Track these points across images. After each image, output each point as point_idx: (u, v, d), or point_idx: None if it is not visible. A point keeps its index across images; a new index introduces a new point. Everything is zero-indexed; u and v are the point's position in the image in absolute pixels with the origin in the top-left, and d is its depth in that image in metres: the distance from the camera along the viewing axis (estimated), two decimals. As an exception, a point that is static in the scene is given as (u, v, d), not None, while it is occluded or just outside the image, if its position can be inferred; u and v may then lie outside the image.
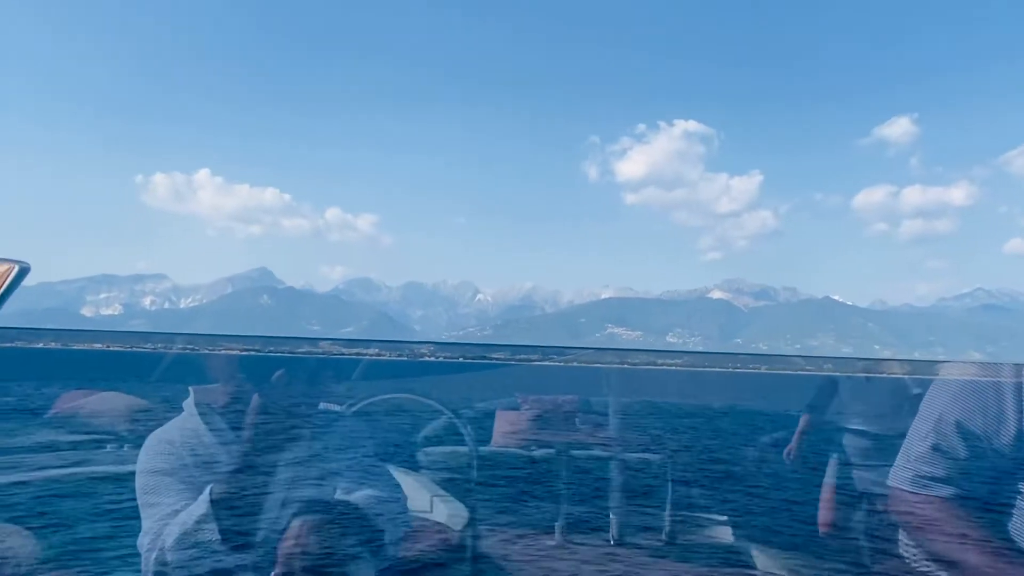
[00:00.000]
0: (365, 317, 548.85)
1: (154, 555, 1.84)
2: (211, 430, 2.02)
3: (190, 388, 2.07)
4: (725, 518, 2.79)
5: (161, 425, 2.11)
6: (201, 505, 1.86)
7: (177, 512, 1.87)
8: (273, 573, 1.80)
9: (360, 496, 2.04)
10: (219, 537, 1.85)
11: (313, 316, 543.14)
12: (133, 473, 2.04)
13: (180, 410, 2.13)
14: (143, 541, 1.88)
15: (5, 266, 0.80)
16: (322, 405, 2.22)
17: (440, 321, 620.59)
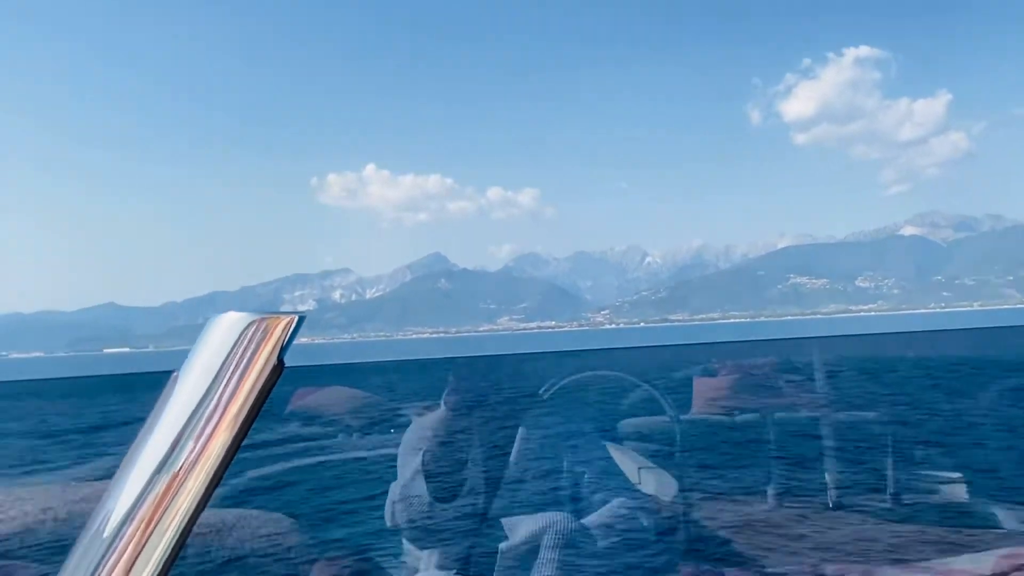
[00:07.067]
0: (537, 291, 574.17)
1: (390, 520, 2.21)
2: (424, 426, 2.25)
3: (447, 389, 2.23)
4: (958, 475, 2.68)
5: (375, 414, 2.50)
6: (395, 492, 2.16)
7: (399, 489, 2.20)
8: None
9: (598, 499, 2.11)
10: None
11: (488, 295, 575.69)
12: (360, 459, 2.47)
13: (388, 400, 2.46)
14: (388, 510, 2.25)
15: (287, 318, 0.83)
16: (521, 390, 2.34)
17: (611, 288, 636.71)
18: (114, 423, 2.42)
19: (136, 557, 0.66)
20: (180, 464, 0.66)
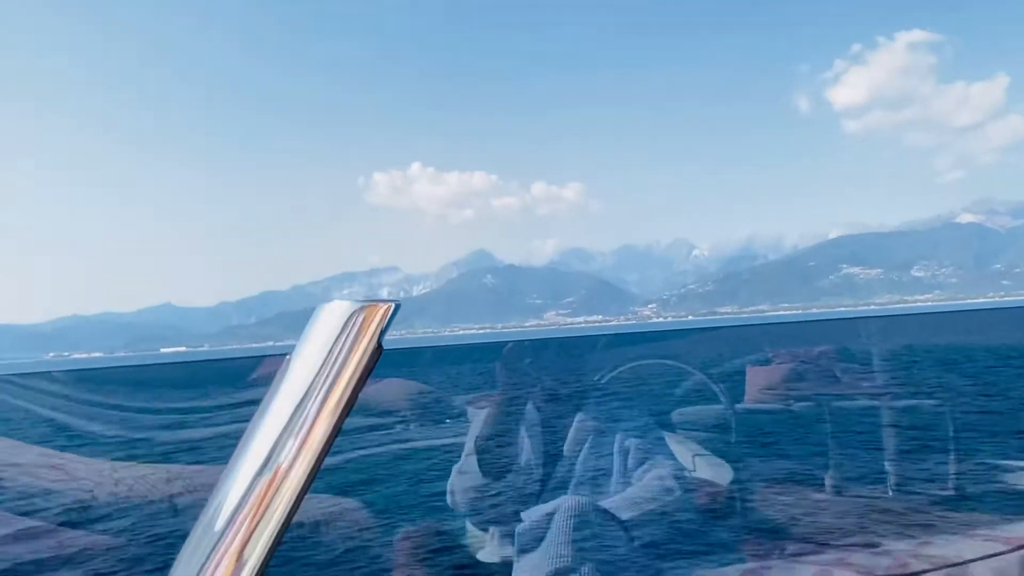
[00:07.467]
0: (583, 286, 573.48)
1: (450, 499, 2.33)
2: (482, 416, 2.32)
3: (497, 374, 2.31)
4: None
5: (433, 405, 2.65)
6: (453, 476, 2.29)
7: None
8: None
9: (645, 481, 2.11)
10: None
11: (534, 290, 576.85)
12: (423, 449, 2.63)
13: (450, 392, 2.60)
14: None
15: (385, 305, 0.86)
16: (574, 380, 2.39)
17: (657, 282, 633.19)
18: (197, 409, 2.50)
19: (245, 544, 0.70)
20: (288, 450, 0.74)
